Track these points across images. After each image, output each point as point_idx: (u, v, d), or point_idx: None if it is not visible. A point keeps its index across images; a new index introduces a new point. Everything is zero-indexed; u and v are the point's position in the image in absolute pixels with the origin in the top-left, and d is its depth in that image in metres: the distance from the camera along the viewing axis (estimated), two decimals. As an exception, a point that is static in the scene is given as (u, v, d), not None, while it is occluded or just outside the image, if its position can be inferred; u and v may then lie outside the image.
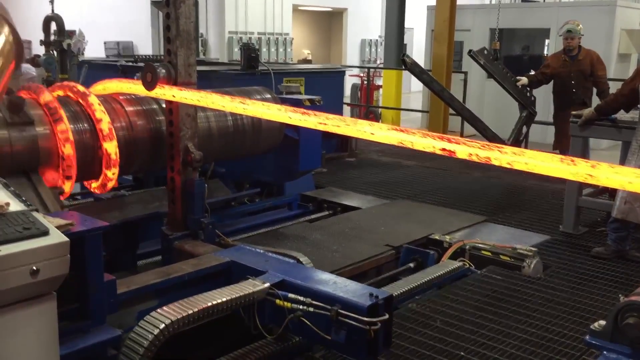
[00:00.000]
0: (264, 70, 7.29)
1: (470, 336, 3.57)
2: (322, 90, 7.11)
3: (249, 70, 7.20)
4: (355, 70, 16.54)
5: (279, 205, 5.77)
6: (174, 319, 2.72)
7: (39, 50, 9.82)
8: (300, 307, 2.96)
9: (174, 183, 4.26)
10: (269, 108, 3.32)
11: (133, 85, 4.30)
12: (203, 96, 3.66)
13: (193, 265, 3.55)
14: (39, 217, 2.14)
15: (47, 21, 8.98)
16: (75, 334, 2.65)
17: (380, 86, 14.03)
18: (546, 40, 12.56)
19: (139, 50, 19.10)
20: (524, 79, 8.10)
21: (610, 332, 2.11)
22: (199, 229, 4.20)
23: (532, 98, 8.44)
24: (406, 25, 13.38)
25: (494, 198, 6.68)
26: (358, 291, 2.97)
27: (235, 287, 3.06)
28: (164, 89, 3.93)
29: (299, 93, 5.99)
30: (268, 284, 3.08)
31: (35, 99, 3.85)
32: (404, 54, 8.34)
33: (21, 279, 1.93)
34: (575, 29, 7.51)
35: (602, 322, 2.17)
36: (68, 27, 9.31)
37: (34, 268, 1.95)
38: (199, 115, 4.39)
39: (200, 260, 3.63)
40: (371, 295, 2.87)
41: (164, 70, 4.01)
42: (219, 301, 2.89)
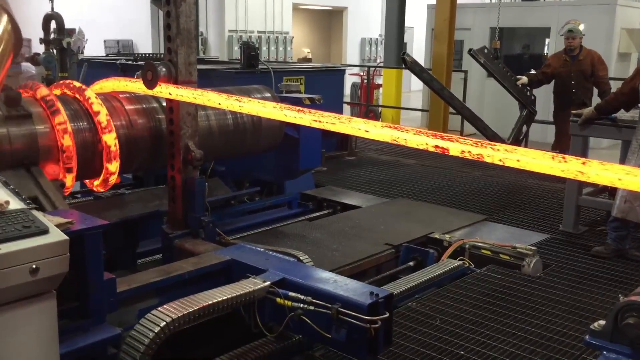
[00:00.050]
0: (263, 69, 7.28)
1: (470, 335, 3.58)
2: (322, 89, 7.11)
3: (249, 69, 7.20)
4: (355, 69, 16.53)
5: (278, 204, 5.77)
6: (175, 317, 2.72)
7: (38, 48, 9.81)
8: (301, 306, 2.96)
9: (174, 181, 4.26)
10: (264, 106, 3.32)
11: (130, 83, 4.30)
12: (199, 94, 3.66)
13: (193, 263, 3.55)
14: (39, 216, 2.14)
15: (47, 19, 8.97)
16: (75, 333, 2.65)
17: (380, 85, 14.03)
18: (546, 40, 12.57)
19: (138, 49, 19.12)
20: (524, 78, 8.11)
21: (610, 332, 2.11)
22: (200, 228, 4.20)
23: (532, 97, 8.44)
24: (406, 24, 13.38)
25: (494, 197, 6.68)
26: (358, 290, 2.97)
27: (235, 286, 3.07)
28: (161, 87, 3.92)
29: (299, 92, 5.98)
30: (268, 283, 3.09)
31: (32, 95, 3.86)
32: (404, 53, 8.36)
33: (21, 277, 1.93)
34: (576, 29, 7.50)
35: (602, 322, 2.16)
36: (68, 26, 9.30)
37: (34, 266, 1.95)
38: (199, 113, 4.39)
39: (201, 259, 3.63)
40: (371, 293, 2.87)
41: (165, 69, 4.01)
42: (220, 299, 2.89)
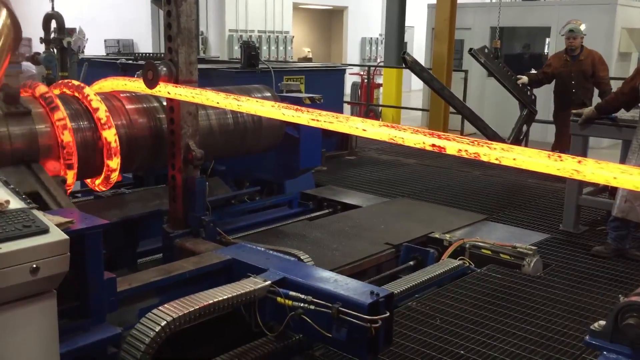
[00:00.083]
0: (264, 69, 7.28)
1: (470, 335, 3.57)
2: (323, 88, 7.11)
3: (249, 69, 7.19)
4: (356, 69, 16.52)
5: (279, 204, 5.76)
6: (175, 317, 2.72)
7: (39, 48, 9.82)
8: (301, 305, 2.96)
9: (175, 181, 4.26)
10: (262, 105, 3.32)
11: (129, 83, 4.30)
12: (198, 93, 3.66)
13: (194, 263, 3.55)
14: (39, 215, 2.14)
15: (48, 19, 8.98)
16: (75, 332, 2.64)
17: (380, 84, 14.02)
18: (547, 39, 12.57)
19: (139, 48, 19.12)
20: (524, 78, 8.11)
21: (610, 333, 2.11)
22: (200, 227, 4.20)
23: (533, 97, 8.44)
24: (407, 23, 13.38)
25: (494, 196, 6.68)
26: (359, 289, 2.97)
27: (236, 285, 3.07)
28: (160, 86, 3.92)
29: (299, 91, 5.98)
30: (269, 282, 3.09)
31: (31, 93, 3.86)
32: (404, 53, 8.35)
33: (21, 276, 1.93)
34: (577, 29, 7.47)
35: (602, 322, 2.16)
36: (68, 25, 9.31)
37: (34, 266, 1.95)
38: (200, 113, 4.39)
39: (202, 258, 3.63)
40: (372, 293, 2.88)
41: (165, 68, 4.01)
42: (220, 299, 2.90)
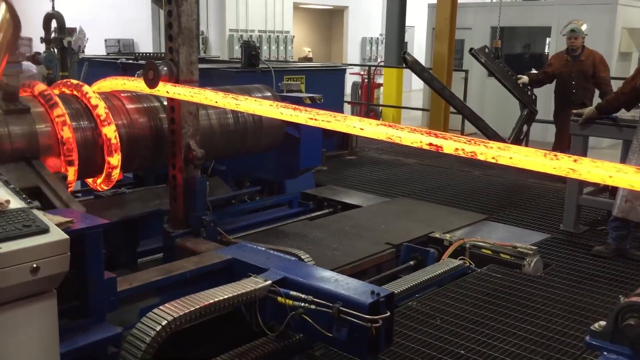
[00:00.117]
0: (264, 68, 7.28)
1: (470, 334, 3.58)
2: (323, 88, 7.11)
3: (250, 68, 7.19)
4: (356, 69, 16.52)
5: (279, 203, 5.77)
6: (176, 316, 2.72)
7: (39, 47, 9.84)
8: (302, 305, 2.96)
9: (175, 181, 4.26)
10: (261, 104, 3.33)
11: (128, 82, 4.29)
12: (196, 92, 3.66)
13: (195, 262, 3.55)
14: (39, 215, 2.14)
15: (48, 19, 9.00)
16: (76, 332, 2.64)
17: (380, 84, 14.02)
18: (547, 39, 12.56)
19: (139, 48, 19.13)
20: (524, 78, 8.10)
21: (611, 333, 2.10)
22: (201, 227, 4.20)
23: (533, 97, 8.44)
24: (407, 23, 13.38)
25: (495, 196, 6.68)
26: (359, 289, 2.97)
27: (237, 285, 3.07)
28: (159, 85, 3.92)
29: (300, 91, 5.98)
30: (270, 282, 3.09)
31: (30, 92, 3.86)
32: (404, 52, 8.35)
33: (21, 276, 1.93)
34: (578, 29, 7.46)
35: (603, 323, 2.15)
36: (68, 25, 9.33)
37: (34, 265, 1.95)
38: (200, 112, 4.38)
39: (202, 258, 3.63)
40: (372, 292, 2.88)
41: (166, 68, 4.01)
42: (221, 298, 2.90)
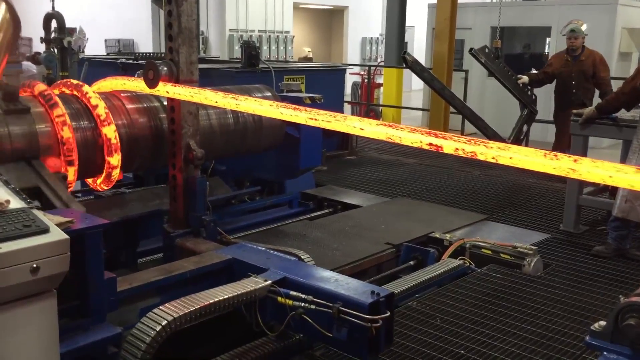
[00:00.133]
0: (264, 68, 7.28)
1: (470, 334, 3.57)
2: (323, 88, 7.11)
3: (250, 68, 7.19)
4: (356, 69, 16.52)
5: (279, 203, 5.76)
6: (176, 316, 2.72)
7: (39, 47, 9.84)
8: (302, 305, 2.96)
9: (175, 180, 4.26)
10: (260, 104, 3.33)
11: (127, 82, 4.29)
12: (196, 92, 3.67)
13: (195, 262, 3.55)
14: (39, 215, 2.14)
15: (48, 19, 9.00)
16: (75, 332, 2.64)
17: (381, 84, 14.02)
18: (547, 39, 12.56)
19: (139, 48, 19.13)
20: (524, 78, 8.10)
21: (611, 333, 2.11)
22: (201, 227, 4.20)
23: (533, 97, 8.43)
24: (407, 23, 13.38)
25: (495, 196, 6.68)
26: (359, 289, 2.97)
27: (237, 285, 3.07)
28: (158, 85, 3.92)
29: (300, 91, 5.98)
30: (270, 282, 3.09)
31: (30, 92, 3.86)
32: (404, 52, 8.35)
33: (21, 276, 1.93)
34: (579, 29, 7.45)
35: (603, 323, 2.15)
36: (68, 25, 9.33)
37: (34, 265, 1.95)
38: (200, 112, 4.38)
39: (202, 258, 3.63)
40: (373, 292, 2.88)
41: (166, 68, 4.01)
42: (221, 298, 2.90)
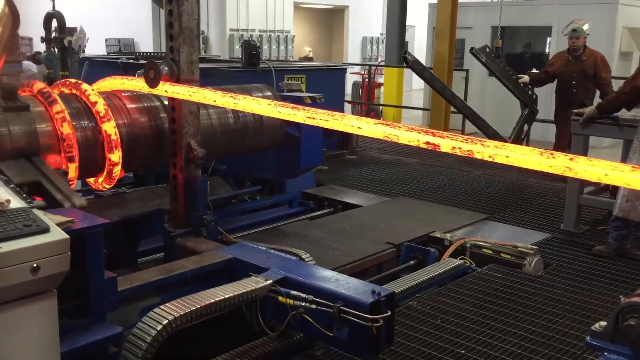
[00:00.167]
0: (265, 68, 7.28)
1: (471, 334, 3.57)
2: (324, 88, 7.11)
3: (250, 68, 7.19)
4: (357, 68, 16.52)
5: (279, 203, 5.76)
6: (177, 316, 2.72)
7: (40, 47, 9.83)
8: (303, 304, 2.96)
9: (176, 180, 4.26)
10: (259, 103, 3.33)
11: (127, 81, 4.29)
12: (195, 91, 3.67)
13: (195, 262, 3.55)
14: (40, 214, 2.14)
15: (48, 18, 8.99)
16: (76, 331, 2.65)
17: (381, 84, 14.02)
18: (548, 38, 12.55)
19: (140, 48, 19.13)
20: (525, 77, 8.10)
21: (611, 333, 2.10)
22: (202, 226, 4.20)
23: (534, 96, 8.43)
24: (408, 22, 13.37)
25: (495, 196, 6.68)
26: (360, 288, 2.97)
27: (237, 284, 3.07)
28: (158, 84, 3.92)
29: (300, 91, 5.98)
30: (270, 281, 3.09)
31: (29, 91, 3.87)
32: (405, 52, 8.34)
33: (22, 276, 1.93)
34: (580, 29, 7.43)
35: (603, 323, 2.15)
36: (69, 24, 9.32)
37: (35, 265, 1.95)
38: (201, 112, 4.38)
39: (203, 257, 3.63)
40: (373, 292, 2.88)
41: (167, 68, 4.01)
42: (222, 298, 2.90)
